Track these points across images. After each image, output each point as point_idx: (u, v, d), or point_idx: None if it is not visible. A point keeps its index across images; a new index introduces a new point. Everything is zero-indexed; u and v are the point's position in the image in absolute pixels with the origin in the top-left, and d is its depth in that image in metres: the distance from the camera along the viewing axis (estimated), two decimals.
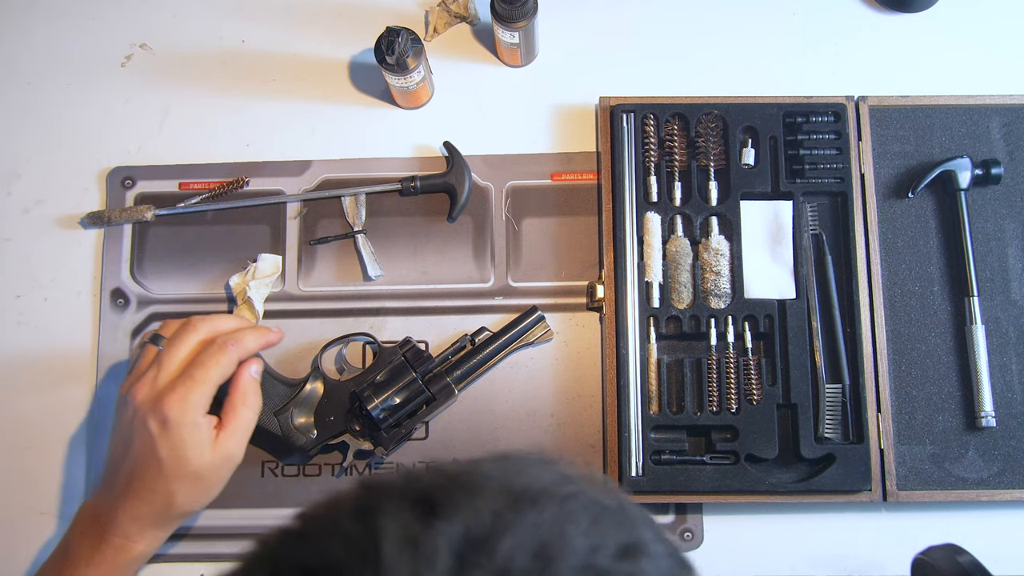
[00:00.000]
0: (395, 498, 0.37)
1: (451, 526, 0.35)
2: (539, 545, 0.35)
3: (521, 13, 0.86)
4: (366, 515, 0.36)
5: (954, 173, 0.87)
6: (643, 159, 0.89)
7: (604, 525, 0.38)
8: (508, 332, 0.85)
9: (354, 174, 0.92)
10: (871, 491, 0.82)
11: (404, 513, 0.35)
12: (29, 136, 0.94)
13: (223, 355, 0.74)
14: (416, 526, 0.35)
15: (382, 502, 0.36)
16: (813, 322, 0.86)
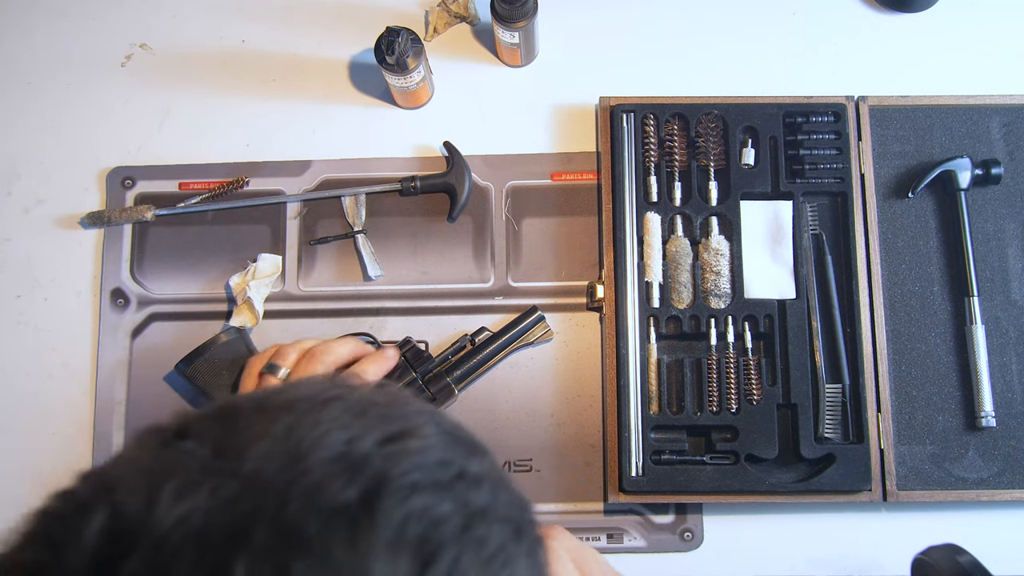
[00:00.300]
0: (157, 430, 0.38)
1: (199, 443, 0.36)
2: (291, 446, 0.35)
3: (521, 13, 0.86)
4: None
5: (954, 173, 0.87)
6: (643, 159, 0.89)
7: (369, 419, 0.38)
8: (508, 332, 0.85)
9: (354, 174, 0.92)
10: (871, 491, 0.82)
11: (153, 437, 0.37)
12: (29, 136, 0.94)
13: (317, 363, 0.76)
14: (160, 449, 0.36)
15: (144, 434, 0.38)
16: (813, 322, 0.86)
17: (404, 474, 0.35)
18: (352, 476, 0.35)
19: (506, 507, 0.39)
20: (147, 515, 0.33)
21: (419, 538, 0.34)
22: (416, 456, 0.37)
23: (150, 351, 0.88)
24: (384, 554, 0.33)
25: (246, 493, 0.34)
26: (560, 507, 0.85)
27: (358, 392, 0.40)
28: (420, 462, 0.36)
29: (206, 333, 0.86)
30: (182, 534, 0.32)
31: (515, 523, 0.39)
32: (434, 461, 0.37)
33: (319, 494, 0.34)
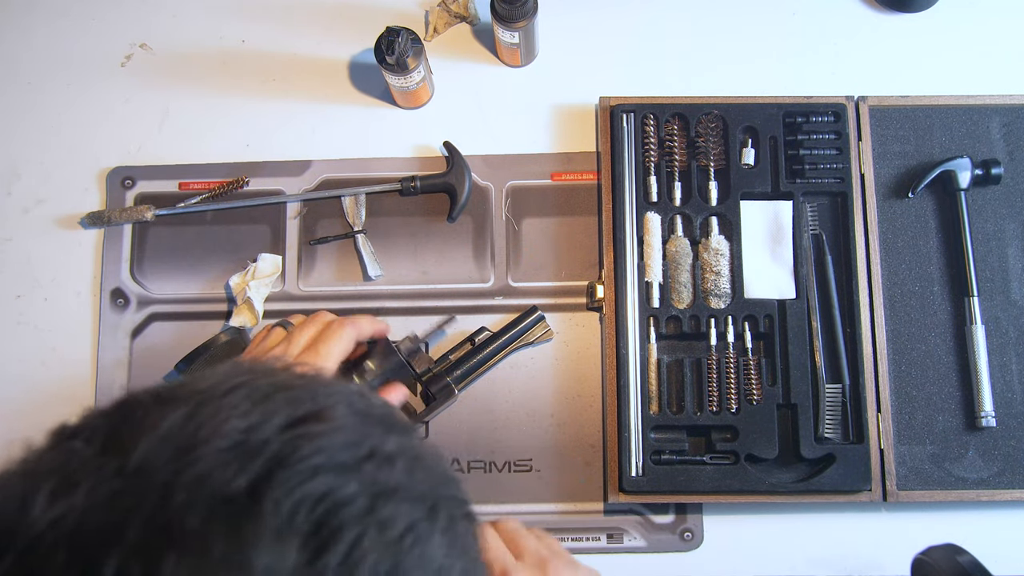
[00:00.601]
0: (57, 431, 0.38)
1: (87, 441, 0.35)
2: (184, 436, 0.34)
3: (521, 13, 0.86)
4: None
5: (954, 173, 0.87)
6: (643, 159, 0.89)
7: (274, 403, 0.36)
8: (508, 332, 0.85)
9: (354, 174, 0.92)
10: (871, 491, 0.82)
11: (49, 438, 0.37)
12: (29, 136, 0.94)
13: (343, 330, 0.76)
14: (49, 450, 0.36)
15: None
16: (813, 322, 0.86)
17: (304, 458, 0.34)
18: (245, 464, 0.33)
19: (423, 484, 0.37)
20: (21, 518, 0.32)
21: (314, 524, 0.33)
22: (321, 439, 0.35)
23: (150, 351, 0.88)
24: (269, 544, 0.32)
25: (127, 489, 0.33)
26: (560, 507, 0.85)
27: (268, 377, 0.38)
28: (324, 444, 0.35)
29: (206, 333, 0.86)
30: (54, 536, 0.31)
31: (431, 500, 0.37)
32: (341, 442, 0.36)
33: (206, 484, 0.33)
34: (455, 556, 0.37)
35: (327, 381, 0.40)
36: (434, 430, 0.87)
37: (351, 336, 0.76)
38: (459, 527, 0.39)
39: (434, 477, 0.39)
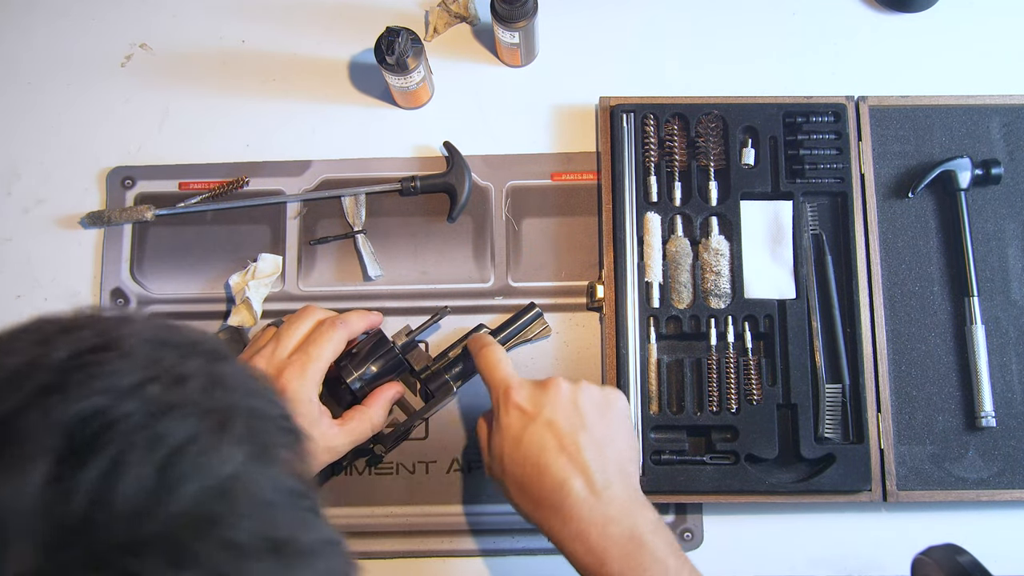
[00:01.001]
0: None
1: None
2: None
3: (521, 13, 0.86)
4: None
5: (954, 173, 0.87)
6: (643, 159, 0.89)
7: (58, 340, 0.35)
8: (506, 328, 0.85)
9: (354, 174, 0.92)
10: (871, 491, 0.82)
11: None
12: (29, 136, 0.94)
13: (334, 331, 0.75)
14: None
15: None
16: (813, 322, 0.86)
17: (79, 383, 0.33)
18: (9, 393, 0.33)
19: (218, 402, 0.36)
20: None
21: (74, 443, 0.32)
22: (104, 365, 0.34)
23: None
24: (11, 469, 0.31)
25: None
26: None
27: (57, 322, 0.37)
28: (106, 370, 0.34)
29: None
30: None
31: (224, 414, 0.36)
32: (127, 367, 0.35)
33: None
34: (257, 465, 0.36)
35: (124, 316, 0.38)
36: (434, 429, 0.87)
37: (342, 336, 0.76)
38: (265, 438, 0.37)
39: (235, 395, 0.38)
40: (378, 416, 0.78)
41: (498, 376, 0.71)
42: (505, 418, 0.69)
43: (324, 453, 0.75)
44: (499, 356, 0.73)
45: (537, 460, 0.67)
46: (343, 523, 0.85)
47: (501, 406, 0.70)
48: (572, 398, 0.69)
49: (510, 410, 0.69)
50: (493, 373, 0.72)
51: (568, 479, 0.66)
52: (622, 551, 0.63)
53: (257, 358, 0.74)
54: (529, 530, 0.84)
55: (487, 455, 0.72)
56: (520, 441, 0.68)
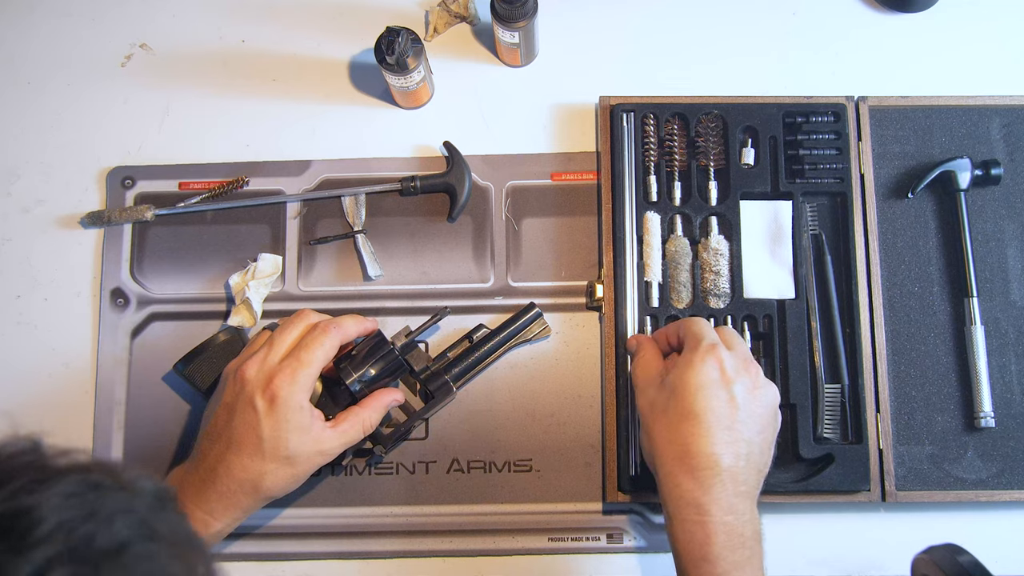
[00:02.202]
0: None
1: None
2: None
3: (521, 13, 0.86)
4: None
5: (954, 173, 0.87)
6: (643, 159, 0.89)
7: None
8: (506, 329, 0.85)
9: (354, 174, 0.92)
10: (870, 491, 0.82)
11: None
12: (29, 136, 0.94)
13: (326, 337, 0.75)
14: None
15: None
16: (812, 322, 0.86)
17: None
18: None
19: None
20: None
21: None
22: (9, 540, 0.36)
23: (150, 351, 0.89)
24: None
25: None
26: (560, 507, 0.85)
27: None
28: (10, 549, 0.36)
29: (206, 333, 0.86)
30: None
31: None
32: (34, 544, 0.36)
33: None
34: None
35: (47, 473, 0.40)
36: (434, 429, 0.87)
37: (335, 340, 0.76)
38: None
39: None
40: (371, 418, 0.78)
41: (709, 333, 0.73)
42: (702, 365, 0.70)
43: (316, 456, 0.75)
44: (709, 324, 0.75)
45: (706, 421, 0.69)
46: (343, 523, 0.85)
47: (702, 354, 0.71)
48: (762, 393, 0.72)
49: (708, 360, 0.70)
50: (704, 329, 0.74)
51: (722, 456, 0.68)
52: (728, 541, 0.67)
53: (249, 363, 0.74)
54: (529, 531, 0.84)
55: (653, 386, 0.73)
56: (699, 393, 0.69)
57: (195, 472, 0.74)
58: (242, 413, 0.73)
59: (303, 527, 0.85)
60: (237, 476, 0.73)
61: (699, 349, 0.71)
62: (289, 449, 0.73)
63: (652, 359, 0.75)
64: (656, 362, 0.75)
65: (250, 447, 0.72)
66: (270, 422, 0.72)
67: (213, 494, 0.73)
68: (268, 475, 0.73)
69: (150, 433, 0.87)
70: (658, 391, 0.72)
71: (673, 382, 0.71)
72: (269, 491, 0.74)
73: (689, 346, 0.73)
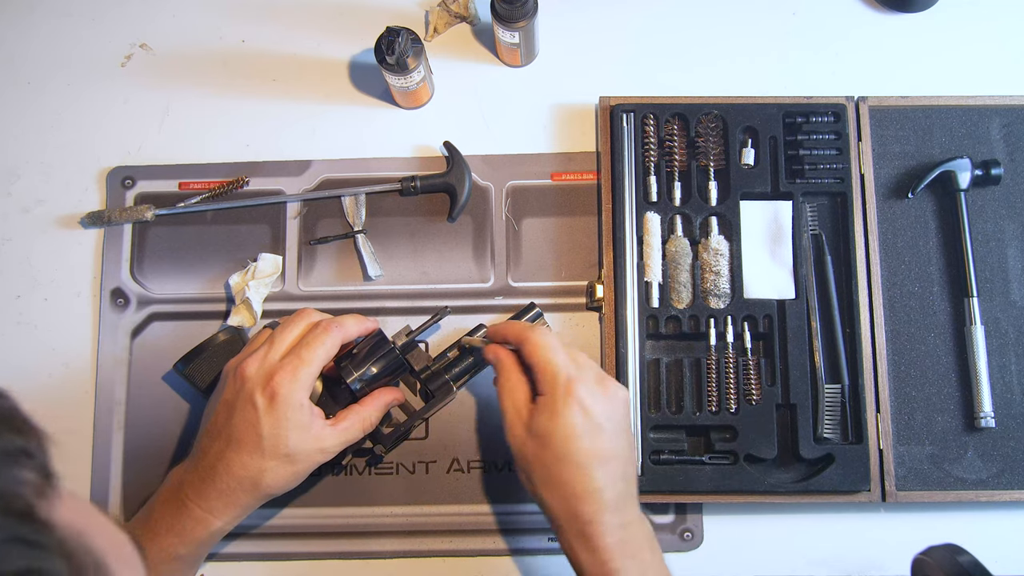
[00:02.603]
0: None
1: None
2: None
3: (521, 13, 0.86)
4: None
5: (954, 173, 0.87)
6: (643, 159, 0.89)
7: None
8: None
9: (354, 174, 0.92)
10: (870, 491, 0.82)
11: None
12: (29, 136, 0.94)
13: (327, 335, 0.75)
14: None
15: None
16: (812, 322, 0.86)
17: None
18: None
19: None
20: None
21: None
22: None
23: (150, 351, 0.89)
24: None
25: None
26: None
27: None
28: None
29: (206, 333, 0.86)
30: None
31: None
32: None
33: None
34: None
35: None
36: (434, 429, 0.87)
37: (336, 339, 0.76)
38: None
39: None
40: (371, 417, 0.78)
41: (560, 361, 0.70)
42: (564, 410, 0.69)
43: (316, 454, 0.75)
44: (556, 341, 0.72)
45: (583, 464, 0.68)
46: (343, 523, 0.85)
47: (561, 395, 0.69)
48: (624, 411, 0.72)
49: (571, 404, 0.69)
50: (554, 357, 0.71)
51: (605, 487, 0.68)
52: (625, 550, 0.68)
53: (249, 360, 0.74)
54: (529, 530, 0.84)
55: (520, 428, 0.71)
56: (569, 443, 0.68)
57: (195, 470, 0.74)
58: (242, 410, 0.73)
59: (303, 527, 0.85)
60: (237, 473, 0.73)
61: (557, 393, 0.69)
62: (289, 447, 0.73)
63: (517, 385, 0.73)
64: (521, 388, 0.72)
65: (250, 444, 0.72)
66: (270, 419, 0.72)
67: (213, 492, 0.73)
68: (268, 473, 0.73)
69: (150, 433, 0.87)
70: (528, 436, 0.70)
71: (541, 431, 0.69)
72: (269, 489, 0.74)
73: (546, 387, 0.70)
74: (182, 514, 0.73)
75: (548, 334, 0.73)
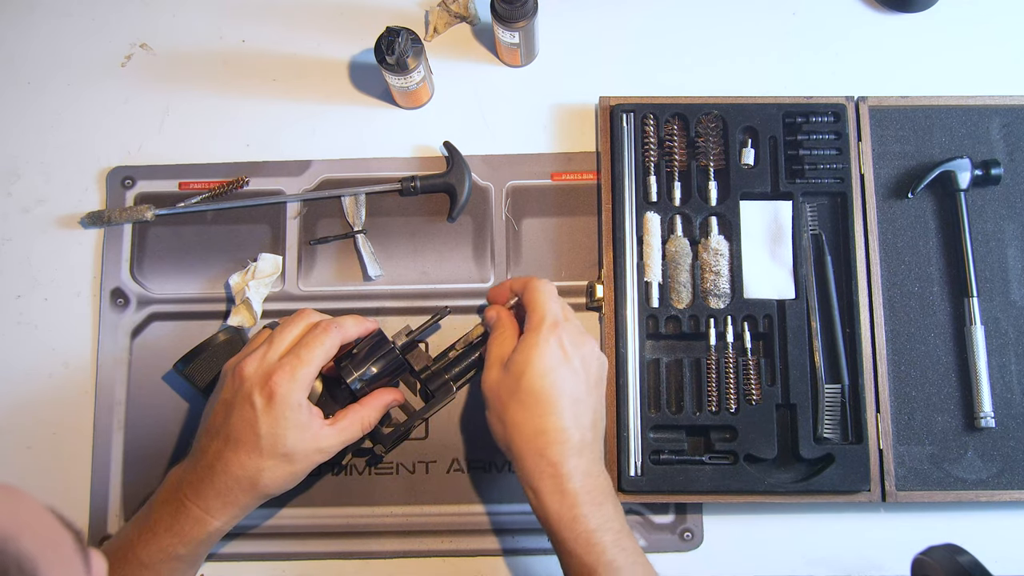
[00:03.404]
0: None
1: None
2: None
3: (521, 13, 0.86)
4: None
5: (954, 173, 0.87)
6: (643, 159, 0.89)
7: None
8: None
9: (354, 174, 0.92)
10: (870, 491, 0.82)
11: None
12: (29, 136, 0.94)
13: (326, 336, 0.75)
14: None
15: None
16: (812, 322, 0.86)
17: None
18: None
19: None
20: None
21: None
22: None
23: (150, 351, 0.89)
24: None
25: None
26: None
27: None
28: None
29: (206, 333, 0.86)
30: None
31: None
32: None
33: None
34: None
35: None
36: (434, 429, 0.87)
37: (335, 340, 0.75)
38: None
39: None
40: (370, 417, 0.78)
41: (551, 307, 0.74)
42: (544, 345, 0.72)
43: (314, 454, 0.75)
44: (553, 291, 0.77)
45: (557, 401, 0.71)
46: (343, 523, 0.85)
47: (544, 334, 0.72)
48: (599, 361, 0.75)
49: (550, 341, 0.72)
50: (547, 302, 0.75)
51: (574, 429, 0.71)
52: (591, 499, 0.70)
53: (248, 360, 0.74)
54: (529, 530, 0.84)
55: (497, 370, 0.74)
56: (546, 377, 0.71)
57: (193, 470, 0.74)
58: (240, 410, 0.73)
59: (303, 527, 0.85)
60: (235, 473, 0.73)
61: (542, 329, 0.73)
62: (287, 446, 0.73)
63: (508, 339, 0.76)
64: (511, 342, 0.75)
65: (248, 444, 0.72)
66: (268, 419, 0.72)
67: (211, 491, 0.73)
68: (266, 472, 0.73)
69: (150, 433, 0.87)
70: (504, 373, 0.73)
71: (520, 365, 0.72)
72: (267, 488, 0.74)
73: (532, 324, 0.74)
74: (181, 514, 0.73)
75: (549, 284, 0.77)
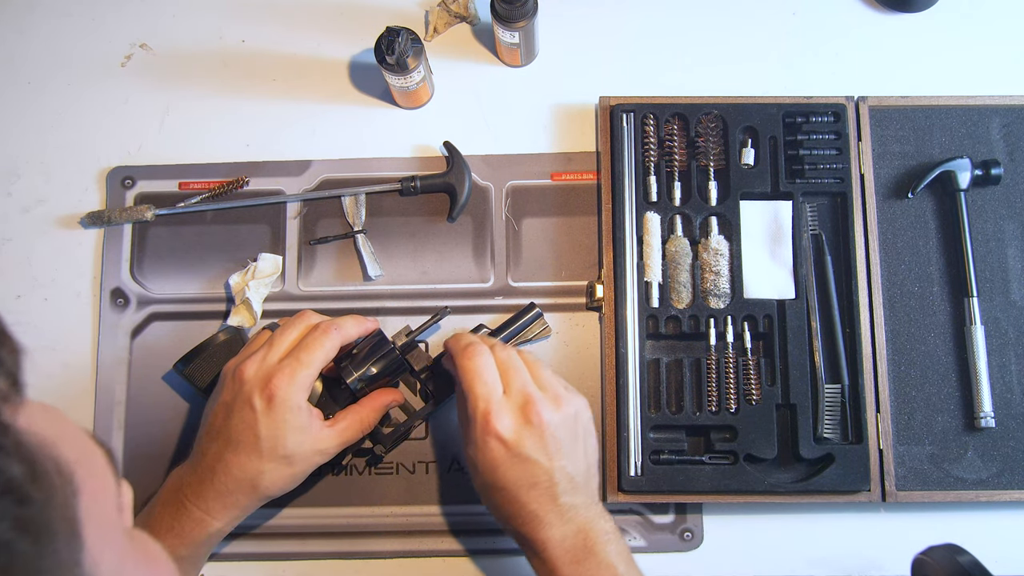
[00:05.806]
0: None
1: None
2: None
3: (521, 13, 0.86)
4: None
5: (954, 173, 0.87)
6: (643, 159, 0.89)
7: None
8: (506, 329, 0.85)
9: (354, 174, 0.92)
10: (870, 491, 0.82)
11: None
12: (29, 136, 0.94)
13: (326, 338, 0.75)
14: None
15: None
16: (812, 322, 0.86)
17: None
18: None
19: None
20: None
21: None
22: None
23: (150, 351, 0.89)
24: None
25: None
26: None
27: None
28: None
29: (206, 333, 0.86)
30: None
31: None
32: None
33: None
34: None
35: None
36: (434, 429, 0.87)
37: (335, 341, 0.75)
38: None
39: None
40: (370, 417, 0.78)
41: (479, 391, 0.70)
42: (483, 442, 0.70)
43: (315, 455, 0.75)
44: (482, 364, 0.71)
45: (512, 492, 0.70)
46: (343, 523, 0.85)
47: (479, 429, 0.70)
48: (552, 431, 0.70)
49: (489, 439, 0.69)
50: (473, 386, 0.71)
51: (540, 511, 0.70)
52: (573, 557, 0.69)
53: (248, 362, 0.74)
54: None
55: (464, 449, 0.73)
56: (496, 471, 0.70)
57: (194, 471, 0.74)
58: (240, 412, 0.73)
59: (303, 527, 0.85)
60: (235, 475, 0.73)
61: (476, 425, 0.70)
62: (287, 448, 0.73)
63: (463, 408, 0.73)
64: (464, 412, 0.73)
65: (248, 446, 0.72)
66: (268, 421, 0.72)
67: (211, 492, 0.73)
68: (266, 474, 0.73)
69: (150, 433, 0.87)
70: (466, 456, 0.73)
71: (470, 459, 0.72)
72: (267, 490, 0.74)
73: (469, 415, 0.71)
74: (181, 515, 0.73)
75: (477, 356, 0.72)
